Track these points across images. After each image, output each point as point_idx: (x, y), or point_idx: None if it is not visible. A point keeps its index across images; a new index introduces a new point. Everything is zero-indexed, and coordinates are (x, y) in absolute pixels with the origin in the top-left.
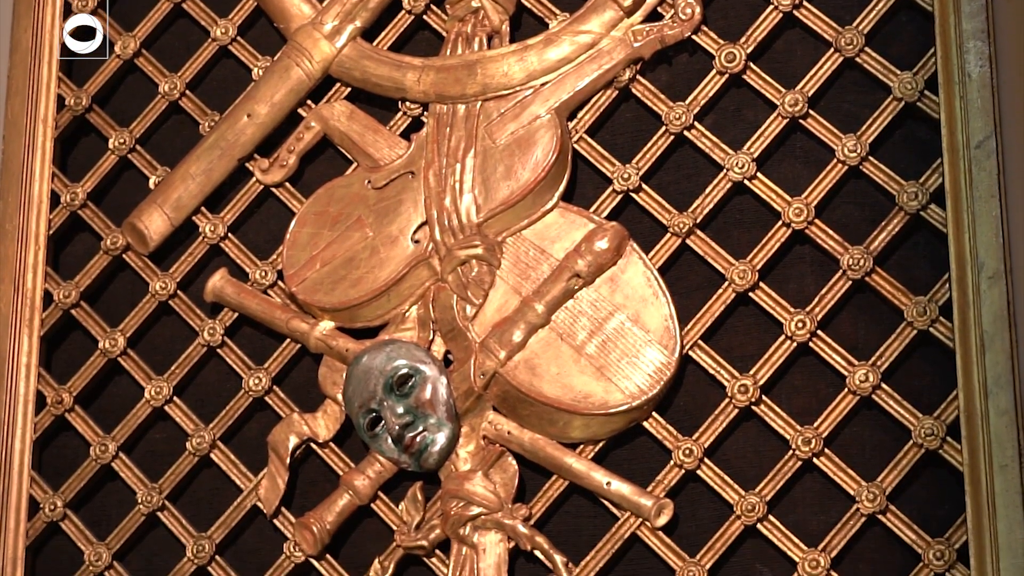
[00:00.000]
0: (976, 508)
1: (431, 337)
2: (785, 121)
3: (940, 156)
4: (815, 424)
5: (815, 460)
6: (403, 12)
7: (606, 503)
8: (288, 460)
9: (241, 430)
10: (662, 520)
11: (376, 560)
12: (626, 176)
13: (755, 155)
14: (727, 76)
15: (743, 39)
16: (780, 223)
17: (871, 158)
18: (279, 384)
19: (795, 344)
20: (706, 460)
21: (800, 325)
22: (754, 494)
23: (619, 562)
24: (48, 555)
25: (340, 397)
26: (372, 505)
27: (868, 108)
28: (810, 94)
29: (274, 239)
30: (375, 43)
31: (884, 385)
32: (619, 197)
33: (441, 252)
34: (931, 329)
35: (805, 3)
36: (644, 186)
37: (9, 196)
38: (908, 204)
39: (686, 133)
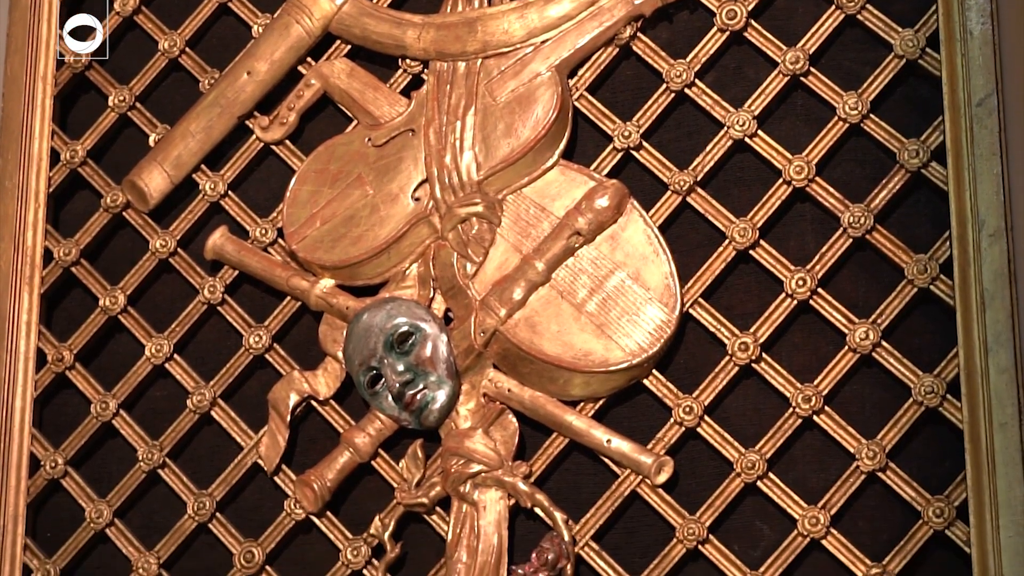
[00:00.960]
0: (976, 465)
1: (431, 295)
2: (786, 79)
3: (941, 114)
4: (815, 382)
5: (815, 418)
6: None
7: (606, 460)
8: (288, 417)
9: (241, 388)
10: (662, 478)
11: (376, 517)
12: (627, 134)
13: (756, 113)
14: (728, 33)
15: None
16: (781, 181)
17: (872, 116)
18: (279, 342)
19: (795, 302)
20: (706, 418)
21: (800, 283)
22: (754, 451)
23: (619, 519)
24: (49, 512)
25: (340, 355)
26: (372, 463)
27: (869, 66)
28: (811, 52)
29: (274, 197)
30: (375, 0)
31: (884, 343)
32: (620, 155)
33: (441, 210)
34: (932, 287)
35: None
36: (645, 144)
37: (9, 154)
38: (909, 162)
39: (687, 91)
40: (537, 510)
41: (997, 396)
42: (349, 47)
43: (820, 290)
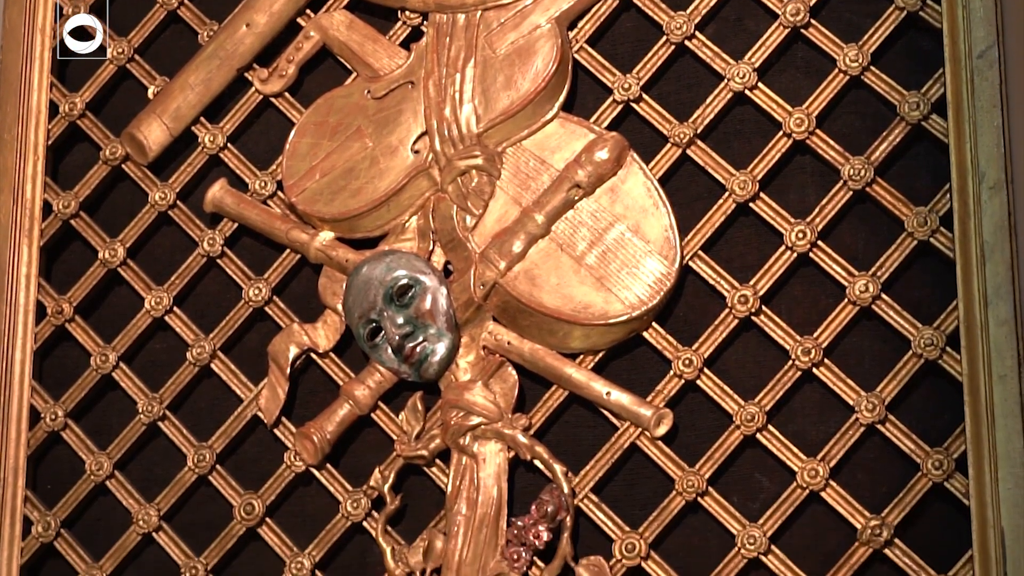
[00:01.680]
0: (975, 418)
1: (431, 247)
2: (786, 31)
3: (942, 66)
4: (815, 334)
5: (815, 370)
6: None
7: (606, 413)
8: (288, 370)
9: (241, 340)
10: (661, 430)
11: (376, 470)
12: (626, 86)
13: (756, 65)
14: None
15: None
16: (781, 133)
17: (872, 68)
18: (279, 294)
19: (795, 254)
20: (706, 370)
21: (800, 235)
22: (753, 404)
23: (618, 472)
24: (49, 464)
25: (340, 307)
26: (372, 415)
27: (870, 18)
28: (811, 3)
29: (273, 149)
30: None
31: (884, 295)
32: (619, 107)
33: (441, 162)
34: (931, 239)
35: None
36: (644, 96)
37: (7, 106)
38: (909, 114)
39: (687, 43)
40: (537, 462)
41: (996, 348)
42: None
43: (820, 243)
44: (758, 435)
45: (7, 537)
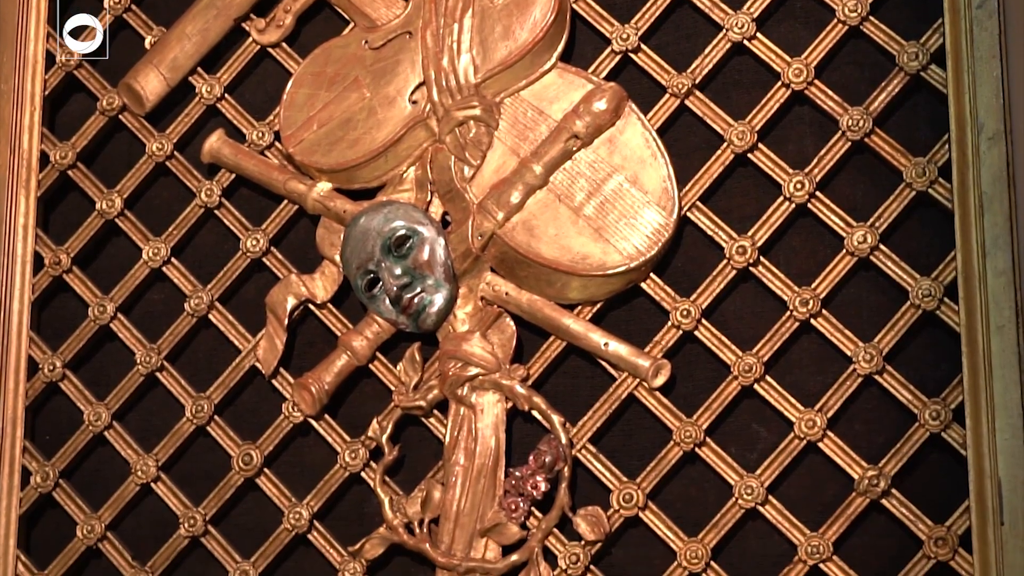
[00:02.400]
0: (972, 368)
1: (429, 198)
2: None
3: (941, 16)
4: (813, 285)
5: (812, 321)
6: None
7: (603, 364)
8: (286, 321)
9: (239, 291)
10: (659, 381)
11: (374, 420)
12: (625, 36)
13: (755, 15)
14: None
15: None
16: (779, 84)
17: (871, 18)
18: (276, 245)
19: (793, 205)
20: (704, 321)
21: (799, 186)
22: (751, 355)
23: (616, 422)
24: (47, 415)
25: (338, 258)
26: (370, 366)
27: None
28: None
29: (271, 100)
30: None
31: (882, 246)
32: (618, 58)
33: (439, 113)
34: (930, 190)
35: None
36: (643, 46)
37: (4, 57)
38: (908, 64)
39: None
40: (534, 413)
41: (994, 299)
42: None
43: (818, 193)
44: (756, 386)
45: (6, 487)
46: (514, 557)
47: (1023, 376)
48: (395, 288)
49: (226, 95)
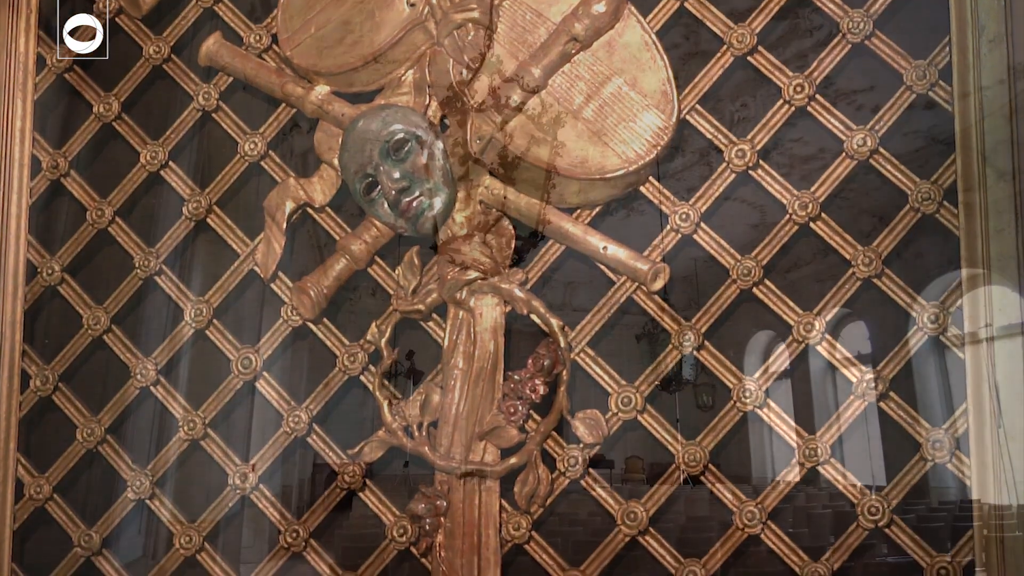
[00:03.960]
0: (972, 273)
1: (427, 101)
2: None
3: None
4: (812, 188)
5: (811, 224)
6: None
7: (602, 267)
8: (284, 225)
9: (237, 195)
10: (658, 284)
11: (373, 323)
12: None
13: None
14: None
15: None
16: None
17: None
18: (274, 149)
19: (793, 108)
20: (702, 225)
21: (798, 89)
22: (750, 259)
23: (615, 326)
24: (45, 319)
25: (336, 162)
26: (369, 270)
27: None
28: None
29: (268, 2)
30: None
31: (882, 149)
32: None
33: (437, 15)
34: (930, 93)
35: None
36: None
37: None
38: None
39: None
40: (533, 316)
41: (994, 203)
42: None
43: (818, 96)
44: (755, 289)
45: (5, 390)
46: (513, 460)
47: (1022, 279)
48: (394, 192)
49: None
